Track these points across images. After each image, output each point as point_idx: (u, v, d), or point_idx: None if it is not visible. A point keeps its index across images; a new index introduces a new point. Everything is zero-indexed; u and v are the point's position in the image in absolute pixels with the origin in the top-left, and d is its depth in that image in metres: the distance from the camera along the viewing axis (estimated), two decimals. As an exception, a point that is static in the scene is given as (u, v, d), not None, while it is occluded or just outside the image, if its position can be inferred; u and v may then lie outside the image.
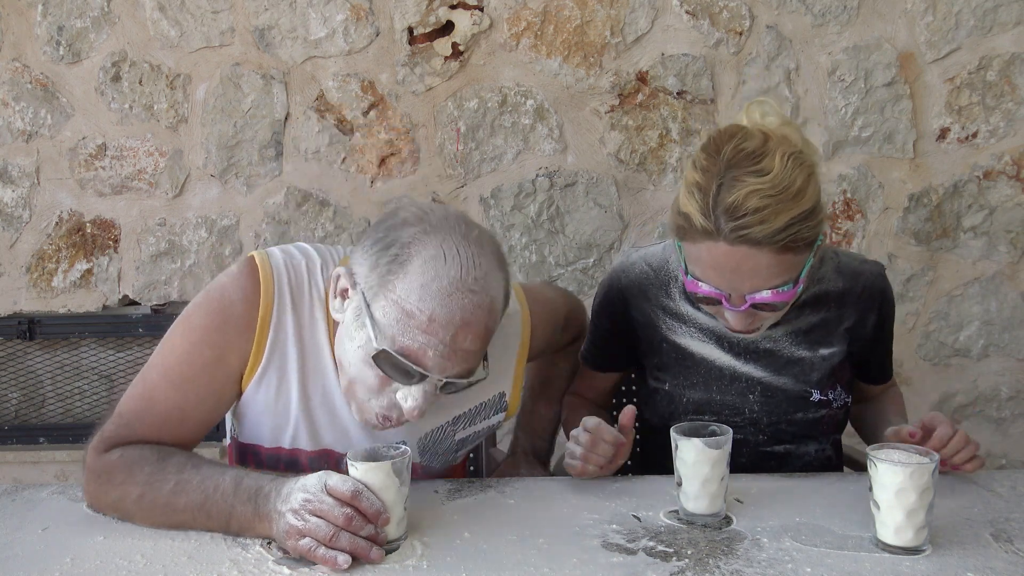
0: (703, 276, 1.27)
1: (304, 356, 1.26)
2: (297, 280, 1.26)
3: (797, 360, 1.46)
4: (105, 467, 1.19)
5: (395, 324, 1.13)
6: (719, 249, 1.22)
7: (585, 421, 1.31)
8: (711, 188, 1.21)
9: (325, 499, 1.06)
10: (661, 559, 1.08)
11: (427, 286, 1.12)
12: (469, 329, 1.14)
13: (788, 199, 1.19)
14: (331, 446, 1.31)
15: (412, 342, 1.13)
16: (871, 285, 1.47)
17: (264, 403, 1.27)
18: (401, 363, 1.14)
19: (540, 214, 2.53)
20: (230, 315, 1.23)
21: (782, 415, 1.47)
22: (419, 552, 1.10)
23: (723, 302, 1.27)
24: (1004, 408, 2.61)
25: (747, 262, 1.21)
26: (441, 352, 1.13)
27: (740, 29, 2.45)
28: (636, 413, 1.32)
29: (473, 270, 1.14)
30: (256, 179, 2.53)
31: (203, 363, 1.22)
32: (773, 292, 1.24)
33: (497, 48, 2.47)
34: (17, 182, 2.54)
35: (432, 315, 1.12)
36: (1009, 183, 2.49)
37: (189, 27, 2.47)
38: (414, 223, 1.16)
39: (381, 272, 1.15)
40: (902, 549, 1.08)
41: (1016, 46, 2.44)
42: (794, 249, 1.22)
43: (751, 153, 1.21)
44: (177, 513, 1.15)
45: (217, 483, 1.14)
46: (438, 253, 1.13)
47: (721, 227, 1.20)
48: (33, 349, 2.65)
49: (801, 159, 1.22)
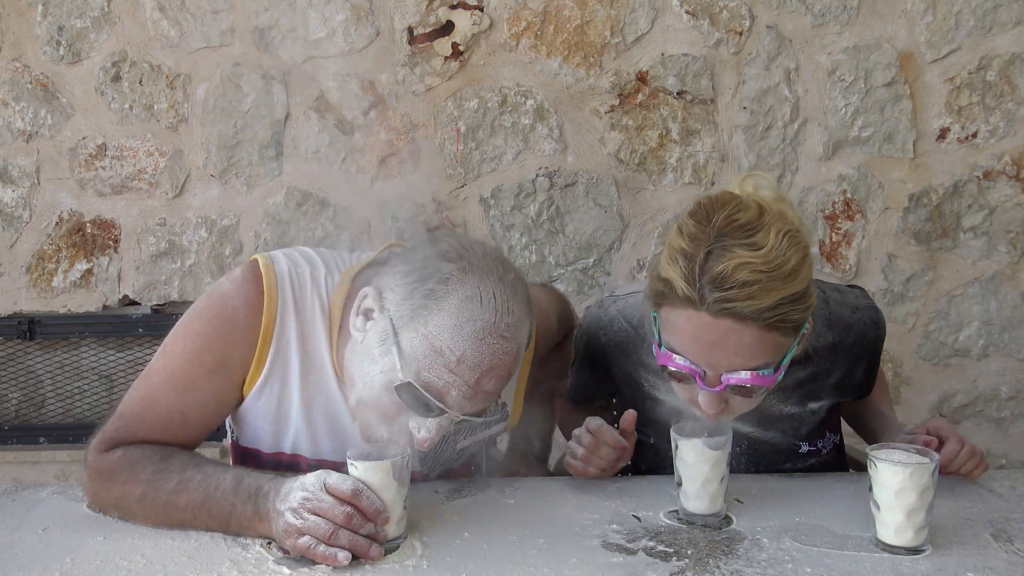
0: (680, 348, 1.17)
1: (306, 364, 1.26)
2: (300, 288, 1.25)
3: (786, 416, 1.41)
4: (107, 466, 1.20)
5: (422, 359, 1.13)
6: (701, 320, 1.13)
7: (588, 421, 1.31)
8: (698, 255, 1.12)
9: (324, 498, 1.06)
10: (661, 559, 1.08)
11: (460, 327, 1.12)
12: (493, 373, 1.14)
13: (780, 278, 1.11)
14: (331, 455, 1.30)
15: (437, 379, 1.13)
16: (863, 336, 1.39)
17: (266, 410, 1.27)
18: (423, 397, 1.13)
19: (540, 214, 2.53)
20: (233, 323, 1.22)
21: (770, 466, 1.43)
22: (419, 552, 1.10)
23: (697, 380, 1.17)
24: (1004, 408, 2.61)
25: (729, 337, 1.12)
26: (464, 392, 1.14)
27: (740, 29, 2.45)
28: (637, 416, 1.32)
29: (507, 316, 1.14)
30: (256, 179, 2.53)
31: (205, 369, 1.22)
32: (752, 374, 1.15)
33: (497, 48, 2.47)
34: (17, 182, 2.54)
35: (462, 356, 1.12)
36: (1009, 183, 2.49)
37: (189, 27, 2.47)
38: (454, 259, 1.15)
39: (415, 304, 1.14)
40: (902, 549, 1.08)
41: (1016, 46, 2.44)
42: (781, 330, 1.13)
43: (744, 225, 1.13)
44: (179, 511, 1.15)
45: (218, 482, 1.14)
46: (475, 294, 1.13)
47: (705, 297, 1.11)
48: (33, 349, 2.65)
49: (797, 239, 1.14)
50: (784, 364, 1.18)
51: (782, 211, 1.16)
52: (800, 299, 1.13)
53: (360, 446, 1.17)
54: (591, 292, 2.54)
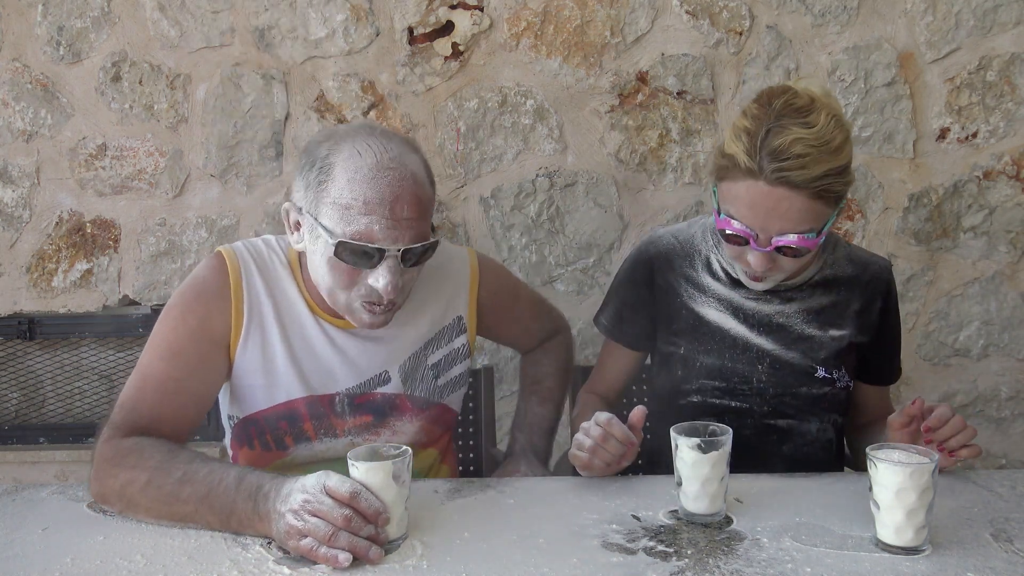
0: (737, 214, 1.35)
1: (279, 309, 1.41)
2: (257, 252, 1.44)
3: (807, 337, 1.53)
4: (116, 452, 1.23)
5: (340, 221, 1.27)
6: (758, 188, 1.31)
7: (598, 415, 1.32)
8: (760, 132, 1.31)
9: (324, 500, 1.07)
10: (661, 559, 1.08)
11: (352, 179, 1.27)
12: (401, 200, 1.27)
13: (828, 152, 1.30)
14: (322, 389, 1.42)
15: (358, 226, 1.26)
16: (878, 275, 1.57)
17: (253, 363, 1.40)
18: (356, 246, 1.27)
19: (540, 214, 2.53)
20: (204, 287, 1.38)
21: (787, 388, 1.53)
22: (419, 552, 1.10)
23: (750, 242, 1.35)
24: (1004, 408, 2.61)
25: (782, 204, 1.30)
26: (386, 226, 1.27)
27: (740, 29, 2.45)
28: (647, 413, 1.32)
29: (386, 153, 1.29)
30: (256, 179, 2.53)
31: (189, 333, 1.34)
32: (799, 237, 1.32)
33: (497, 48, 2.47)
34: (17, 182, 2.54)
35: (365, 198, 1.26)
36: (1009, 183, 2.49)
37: (189, 27, 2.48)
38: (325, 140, 1.32)
39: (313, 187, 1.30)
40: (902, 549, 1.08)
41: (1016, 46, 2.44)
42: (825, 199, 1.32)
43: (800, 108, 1.32)
44: (181, 503, 1.16)
45: (222, 477, 1.16)
46: (352, 152, 1.28)
47: (764, 167, 1.29)
48: (33, 349, 2.65)
49: (842, 122, 1.34)
50: (825, 230, 1.35)
51: (829, 102, 1.35)
52: (843, 172, 1.33)
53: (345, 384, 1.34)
54: (591, 292, 2.55)
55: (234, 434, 1.47)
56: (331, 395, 1.43)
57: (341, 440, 1.45)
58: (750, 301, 1.54)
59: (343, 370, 1.43)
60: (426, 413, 1.51)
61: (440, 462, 1.59)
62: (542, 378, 1.72)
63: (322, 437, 1.44)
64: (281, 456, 1.45)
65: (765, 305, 1.53)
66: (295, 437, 1.44)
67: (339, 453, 1.41)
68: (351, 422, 1.45)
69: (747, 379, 1.54)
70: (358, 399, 1.45)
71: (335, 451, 1.44)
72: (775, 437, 1.55)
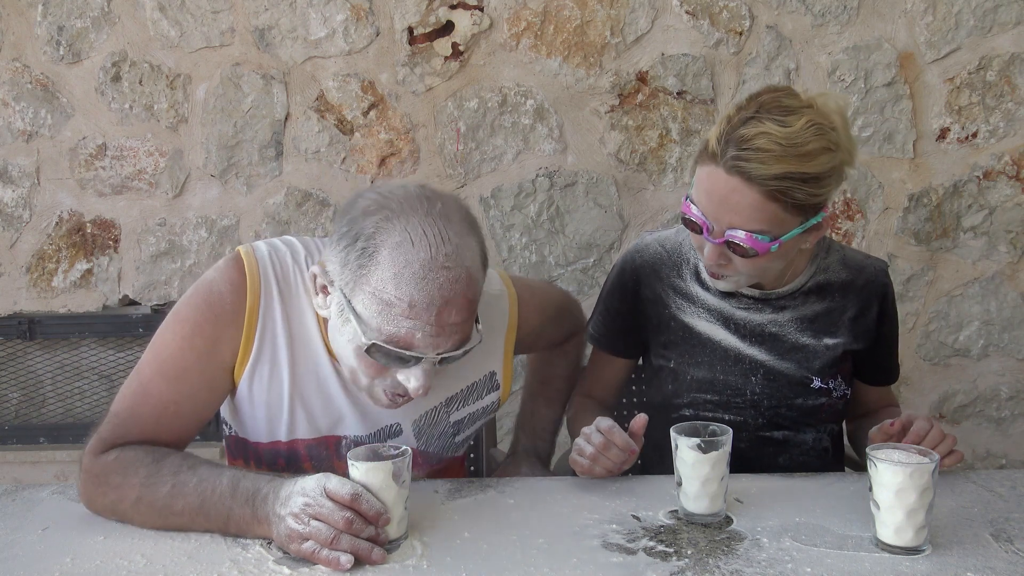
0: (697, 200, 1.33)
1: (294, 344, 1.28)
2: (283, 270, 1.28)
3: (801, 347, 1.49)
4: (101, 469, 1.19)
5: (377, 316, 1.14)
6: (717, 174, 1.28)
7: (599, 421, 1.31)
8: (735, 119, 1.28)
9: (325, 503, 1.06)
10: (661, 559, 1.08)
11: (400, 274, 1.12)
12: (451, 305, 1.14)
13: (794, 155, 1.25)
14: (328, 432, 1.33)
15: (398, 329, 1.14)
16: (874, 279, 1.51)
17: (258, 395, 1.28)
18: (393, 351, 1.15)
19: (540, 214, 2.53)
20: (219, 307, 1.24)
21: (782, 399, 1.50)
22: (419, 552, 1.10)
23: (704, 231, 1.32)
24: (1004, 408, 2.61)
25: (735, 195, 1.27)
26: (428, 332, 1.14)
27: (740, 29, 2.45)
28: (648, 420, 1.32)
29: (443, 246, 1.14)
30: (256, 179, 2.53)
31: (195, 356, 1.23)
32: (748, 235, 1.28)
33: (497, 48, 2.47)
34: (17, 182, 2.54)
35: (412, 301, 1.12)
36: (1009, 183, 2.49)
37: (189, 27, 2.48)
38: (375, 211, 1.16)
39: (352, 268, 1.15)
40: (902, 549, 1.08)
41: (1016, 46, 2.44)
42: (781, 202, 1.27)
43: (785, 107, 1.28)
44: (175, 516, 1.15)
45: (214, 485, 1.14)
46: (404, 238, 1.13)
47: (725, 154, 1.26)
48: (33, 349, 2.65)
49: (824, 132, 1.27)
50: (784, 241, 1.30)
51: (829, 115, 1.29)
52: (807, 182, 1.26)
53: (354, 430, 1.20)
54: (591, 292, 2.54)
55: (229, 445, 1.41)
56: (337, 438, 1.34)
57: None
58: (741, 311, 1.49)
59: (352, 417, 1.32)
60: (436, 466, 1.44)
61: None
62: (552, 379, 1.67)
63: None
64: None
65: (757, 314, 1.49)
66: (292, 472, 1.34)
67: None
68: None
69: (740, 391, 1.49)
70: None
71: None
72: (771, 449, 1.52)
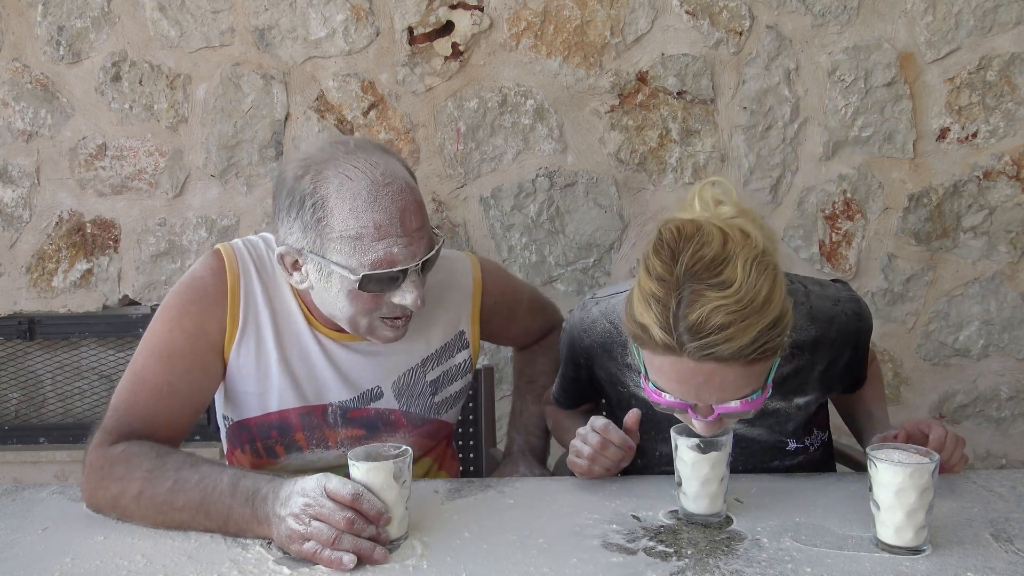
0: (667, 387, 1.17)
1: (276, 317, 1.38)
2: (257, 253, 1.40)
3: (772, 412, 1.41)
4: (105, 461, 1.21)
5: (354, 252, 1.23)
6: (683, 365, 1.12)
7: (593, 420, 1.31)
8: (670, 302, 1.10)
9: (325, 503, 1.07)
10: (661, 559, 1.08)
11: (355, 207, 1.22)
12: (407, 211, 1.25)
13: (755, 312, 1.09)
14: (315, 400, 1.41)
15: (376, 254, 1.23)
16: (845, 328, 1.37)
17: (247, 367, 1.37)
18: (382, 275, 1.24)
19: (540, 214, 2.53)
20: (202, 290, 1.35)
21: (758, 463, 1.43)
22: (419, 552, 1.10)
23: (690, 412, 1.18)
24: (1004, 408, 2.61)
25: (715, 378, 1.12)
26: (403, 244, 1.24)
27: (740, 29, 2.45)
28: (641, 415, 1.32)
29: (375, 169, 1.24)
30: (256, 179, 2.53)
31: (185, 337, 1.32)
32: (742, 402, 1.16)
33: (497, 48, 2.47)
34: (17, 182, 2.54)
35: (376, 223, 1.22)
36: (1009, 183, 2.49)
37: (189, 27, 2.47)
38: (304, 172, 1.26)
39: (312, 227, 1.24)
40: (902, 549, 1.08)
41: (1016, 46, 2.44)
42: (763, 360, 1.13)
43: (711, 262, 1.10)
44: (175, 512, 1.16)
45: (215, 483, 1.15)
46: (341, 179, 1.23)
47: (685, 344, 1.09)
48: (33, 349, 2.65)
49: (764, 263, 1.12)
50: (769, 383, 1.18)
51: (745, 231, 1.14)
52: (776, 324, 1.12)
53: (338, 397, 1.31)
54: (591, 292, 2.54)
55: (228, 436, 1.47)
56: (323, 406, 1.42)
57: (333, 451, 1.44)
58: None
59: (336, 382, 1.41)
60: (421, 429, 1.49)
61: (437, 468, 1.59)
62: (537, 376, 1.71)
63: (313, 448, 1.43)
64: (272, 464, 1.44)
65: None
66: (286, 447, 1.42)
67: (330, 464, 1.42)
68: (343, 434, 1.44)
69: None
70: (351, 413, 1.44)
71: (326, 462, 1.43)
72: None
